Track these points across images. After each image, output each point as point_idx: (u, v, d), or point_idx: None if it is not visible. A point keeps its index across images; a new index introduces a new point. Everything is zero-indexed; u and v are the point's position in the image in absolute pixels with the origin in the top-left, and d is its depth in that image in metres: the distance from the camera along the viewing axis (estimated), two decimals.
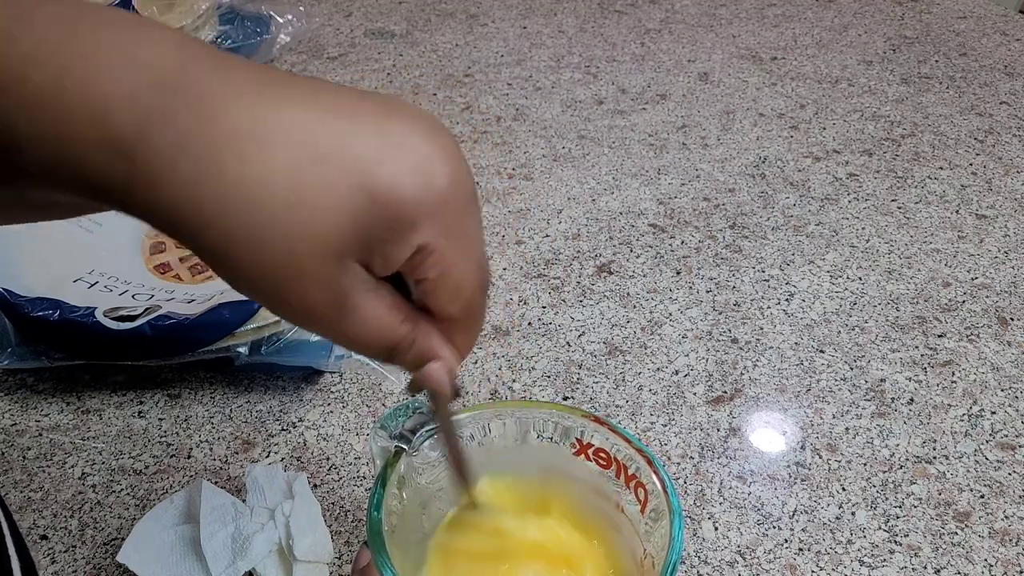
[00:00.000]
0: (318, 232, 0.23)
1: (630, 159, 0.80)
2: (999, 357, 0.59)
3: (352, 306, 0.25)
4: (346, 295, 0.25)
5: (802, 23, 1.08)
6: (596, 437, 0.37)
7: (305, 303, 0.24)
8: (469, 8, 1.09)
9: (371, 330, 0.26)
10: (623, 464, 0.36)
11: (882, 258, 0.68)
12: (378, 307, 0.26)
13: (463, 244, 0.26)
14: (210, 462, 0.50)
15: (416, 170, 0.24)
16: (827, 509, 0.48)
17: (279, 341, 0.54)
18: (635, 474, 0.35)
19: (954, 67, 0.97)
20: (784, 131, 0.85)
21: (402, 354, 0.27)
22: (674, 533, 0.32)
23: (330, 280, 0.24)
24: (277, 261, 0.23)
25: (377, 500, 0.33)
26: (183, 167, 0.22)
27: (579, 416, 0.37)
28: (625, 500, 0.36)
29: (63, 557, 0.45)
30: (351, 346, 0.27)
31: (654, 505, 0.34)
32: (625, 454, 0.36)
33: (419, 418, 0.36)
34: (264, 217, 0.23)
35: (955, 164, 0.80)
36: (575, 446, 0.37)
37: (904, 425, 0.54)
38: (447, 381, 0.29)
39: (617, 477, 0.36)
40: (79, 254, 0.58)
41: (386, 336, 0.26)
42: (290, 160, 0.23)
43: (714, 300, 0.63)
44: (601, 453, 0.37)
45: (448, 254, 0.25)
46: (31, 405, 0.54)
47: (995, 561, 0.46)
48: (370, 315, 0.26)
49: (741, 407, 0.55)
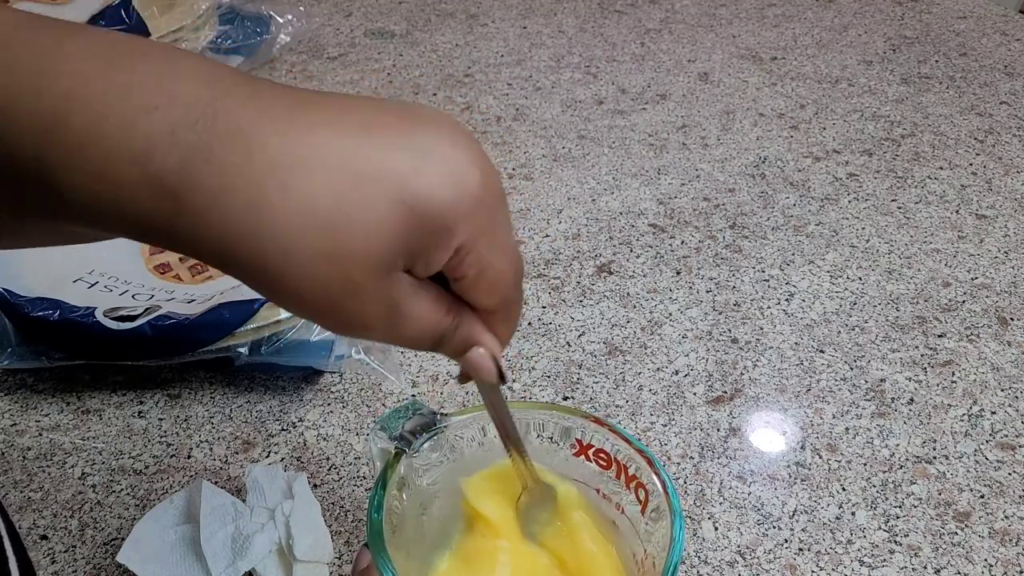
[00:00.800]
0: (368, 252, 0.24)
1: (630, 159, 0.80)
2: (999, 357, 0.59)
3: (402, 312, 0.26)
4: (397, 303, 0.26)
5: (802, 23, 1.08)
6: (596, 438, 0.37)
7: (363, 318, 0.26)
8: (469, 8, 1.09)
9: (419, 328, 0.27)
10: (623, 465, 0.36)
11: (882, 258, 0.68)
12: (424, 306, 0.27)
13: (497, 241, 0.27)
14: (210, 462, 0.50)
15: (448, 178, 0.25)
16: (827, 509, 0.48)
17: (279, 341, 0.54)
18: (635, 475, 0.35)
19: (954, 67, 0.97)
20: (784, 131, 0.85)
21: (447, 343, 0.29)
22: (675, 534, 0.32)
23: (379, 292, 0.25)
24: (333, 284, 0.24)
25: (378, 502, 0.33)
26: (229, 203, 0.23)
27: (579, 417, 0.37)
28: (625, 501, 0.36)
29: (63, 557, 0.45)
30: (401, 344, 0.28)
31: (654, 505, 0.34)
32: (625, 455, 0.36)
33: (419, 419, 0.36)
34: (315, 243, 0.23)
35: (955, 164, 0.80)
36: (575, 446, 0.37)
37: (904, 425, 0.54)
38: (492, 366, 0.30)
39: (617, 478, 0.36)
40: (79, 254, 0.58)
41: (432, 329, 0.28)
42: (330, 185, 0.23)
43: (714, 300, 0.63)
44: (601, 454, 0.37)
45: (484, 253, 0.26)
46: (31, 405, 0.54)
47: (995, 561, 0.46)
48: (418, 314, 0.27)
49: (741, 407, 0.55)
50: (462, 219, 0.25)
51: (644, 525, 0.35)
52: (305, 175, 0.23)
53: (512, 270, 0.28)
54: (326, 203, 0.23)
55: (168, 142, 0.23)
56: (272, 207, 0.23)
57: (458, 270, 0.27)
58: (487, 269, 0.27)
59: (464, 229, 0.25)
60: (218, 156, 0.23)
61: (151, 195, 0.23)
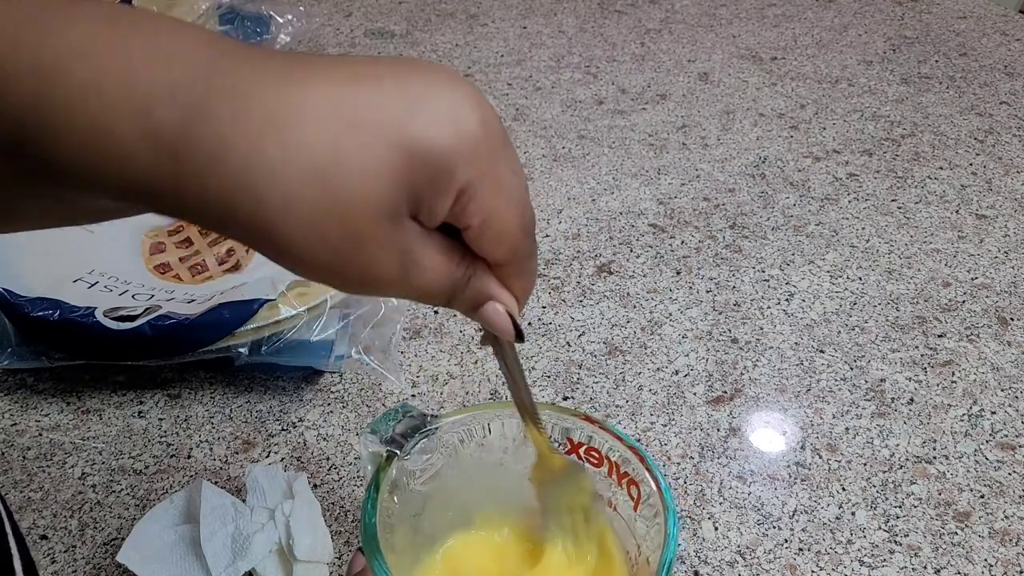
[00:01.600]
0: (368, 198, 0.23)
1: (630, 159, 0.80)
2: (999, 357, 0.59)
3: (413, 260, 0.26)
4: (406, 251, 0.25)
5: (802, 23, 1.08)
6: (586, 436, 0.37)
7: (371, 270, 0.25)
8: (469, 8, 1.09)
9: (431, 278, 0.27)
10: (615, 463, 0.36)
11: (882, 258, 0.68)
12: (434, 255, 0.26)
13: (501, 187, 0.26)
14: (210, 462, 0.50)
15: (445, 119, 0.24)
16: (827, 509, 0.48)
17: (279, 341, 0.54)
18: (627, 472, 0.35)
19: (954, 67, 0.97)
20: (784, 131, 0.85)
21: (460, 295, 0.28)
22: (669, 530, 0.32)
23: (389, 240, 0.25)
24: (338, 235, 0.24)
25: (371, 505, 0.33)
26: (228, 159, 0.23)
27: (569, 415, 0.37)
28: (618, 499, 0.36)
29: (63, 557, 0.45)
30: (414, 298, 0.27)
31: (648, 502, 0.34)
32: (617, 453, 0.36)
33: (409, 422, 0.36)
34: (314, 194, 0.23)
35: (955, 164, 0.80)
36: (566, 445, 0.37)
37: (904, 425, 0.54)
38: (508, 321, 0.29)
39: (609, 475, 0.36)
40: (79, 254, 0.58)
41: (445, 280, 0.27)
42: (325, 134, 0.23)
43: (714, 300, 0.63)
44: (592, 452, 0.37)
45: (488, 198, 0.26)
46: (31, 405, 0.54)
47: (995, 561, 0.46)
48: (430, 264, 0.26)
49: (741, 407, 0.55)
50: (462, 161, 0.25)
51: (638, 523, 0.35)
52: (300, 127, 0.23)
53: (518, 219, 0.27)
54: (322, 153, 0.23)
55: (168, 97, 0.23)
56: (270, 161, 0.23)
57: (463, 218, 0.26)
58: (492, 216, 0.26)
59: (464, 172, 0.25)
60: (216, 112, 0.23)
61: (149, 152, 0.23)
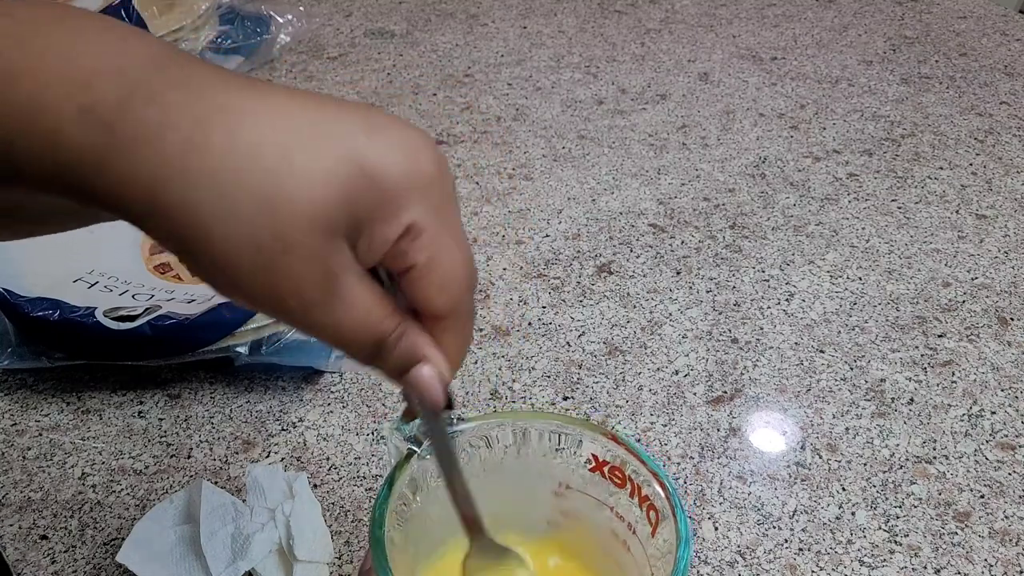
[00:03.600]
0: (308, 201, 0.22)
1: (630, 159, 0.80)
2: (999, 357, 0.59)
3: (339, 289, 0.24)
4: (335, 275, 0.23)
5: (802, 23, 1.08)
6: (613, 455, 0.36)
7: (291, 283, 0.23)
8: (469, 8, 1.09)
9: (358, 319, 0.24)
10: (637, 485, 0.35)
11: (882, 258, 0.68)
12: (366, 294, 0.24)
13: (451, 229, 0.25)
14: (210, 462, 0.50)
15: (403, 150, 0.23)
16: (827, 509, 0.48)
17: (279, 341, 0.54)
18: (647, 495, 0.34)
19: (954, 67, 0.97)
20: (784, 131, 0.85)
21: (388, 351, 0.26)
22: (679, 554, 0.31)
23: (318, 256, 0.23)
24: (264, 235, 0.22)
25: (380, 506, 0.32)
26: (168, 138, 0.21)
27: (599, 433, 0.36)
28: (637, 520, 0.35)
29: (63, 557, 0.45)
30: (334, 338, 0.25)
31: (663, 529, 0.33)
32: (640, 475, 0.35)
33: None
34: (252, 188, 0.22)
35: (955, 164, 0.80)
36: (591, 462, 0.36)
37: (904, 425, 0.54)
38: (438, 387, 0.26)
39: (631, 497, 0.35)
40: (79, 254, 0.58)
41: (373, 327, 0.25)
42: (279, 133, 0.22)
43: (714, 300, 0.63)
44: (616, 472, 0.36)
45: (437, 237, 0.24)
46: (31, 405, 0.54)
47: (995, 561, 0.46)
48: (358, 302, 0.24)
49: (741, 407, 0.55)
50: (415, 193, 0.23)
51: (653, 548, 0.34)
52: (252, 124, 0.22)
53: (466, 267, 0.26)
54: (272, 150, 0.22)
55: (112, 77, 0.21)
56: (213, 147, 0.21)
57: (408, 255, 0.24)
58: (439, 256, 0.25)
59: (416, 205, 0.24)
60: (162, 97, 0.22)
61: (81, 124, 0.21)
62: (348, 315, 0.24)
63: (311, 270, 0.23)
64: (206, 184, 0.21)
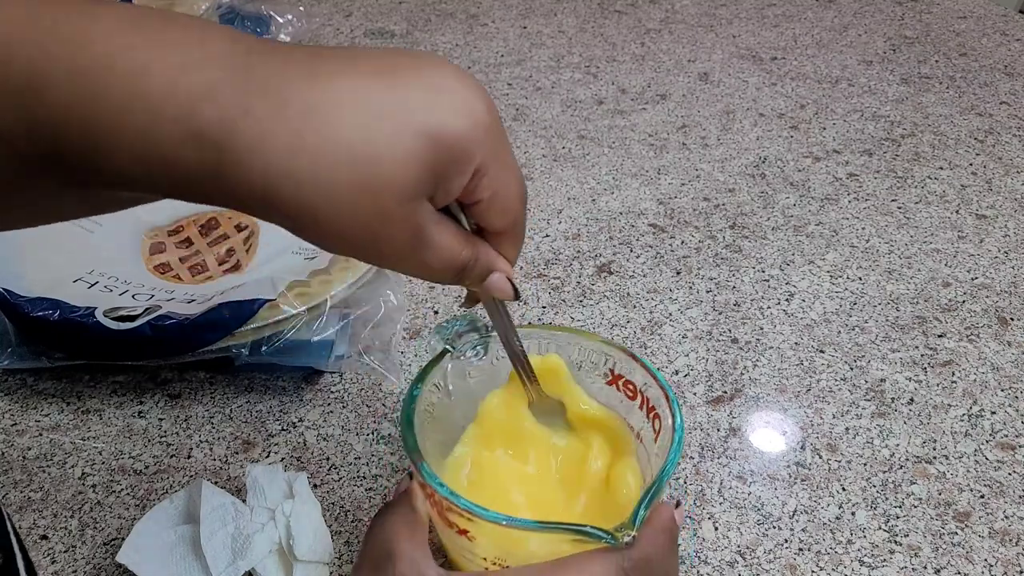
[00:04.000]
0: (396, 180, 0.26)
1: (630, 159, 0.80)
2: (999, 357, 0.59)
3: (427, 238, 0.29)
4: (422, 228, 0.28)
5: (802, 23, 1.08)
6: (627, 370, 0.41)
7: (392, 245, 0.28)
8: (469, 8, 1.09)
9: (444, 256, 0.30)
10: (646, 397, 0.40)
11: (882, 258, 0.68)
12: (446, 235, 0.30)
13: (506, 163, 0.30)
14: (210, 462, 0.50)
15: (461, 110, 0.28)
16: (827, 509, 0.48)
17: (279, 341, 0.53)
18: (654, 407, 0.39)
19: (954, 67, 0.97)
20: (784, 131, 0.85)
21: (469, 272, 0.32)
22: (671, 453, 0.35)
23: (409, 220, 0.28)
24: (367, 212, 0.26)
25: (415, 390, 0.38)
26: (270, 148, 0.25)
27: (617, 349, 0.41)
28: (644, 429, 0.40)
29: (63, 557, 0.45)
30: (427, 275, 0.31)
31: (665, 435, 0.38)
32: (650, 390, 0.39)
33: (470, 327, 0.40)
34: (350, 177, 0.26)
35: (955, 164, 0.80)
36: (608, 376, 0.41)
37: (904, 425, 0.54)
38: (509, 287, 0.34)
39: (640, 408, 0.40)
40: (79, 254, 0.58)
41: (456, 258, 0.30)
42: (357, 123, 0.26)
43: (714, 300, 0.63)
44: (629, 385, 0.41)
45: (498, 175, 0.29)
46: (31, 405, 0.54)
47: (995, 561, 0.46)
48: (443, 243, 0.30)
49: (741, 407, 0.55)
50: (477, 144, 0.28)
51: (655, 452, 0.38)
52: (333, 118, 0.26)
53: (519, 191, 0.31)
54: (357, 141, 0.26)
55: (208, 98, 0.25)
56: (309, 149, 0.25)
57: (475, 194, 0.30)
58: (500, 189, 0.30)
59: (479, 153, 0.28)
60: (255, 108, 0.25)
61: (195, 149, 0.25)
62: (435, 256, 0.30)
63: (405, 230, 0.28)
64: (310, 183, 0.26)
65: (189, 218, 0.63)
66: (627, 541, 0.31)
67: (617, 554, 0.32)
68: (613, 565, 0.32)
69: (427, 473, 0.34)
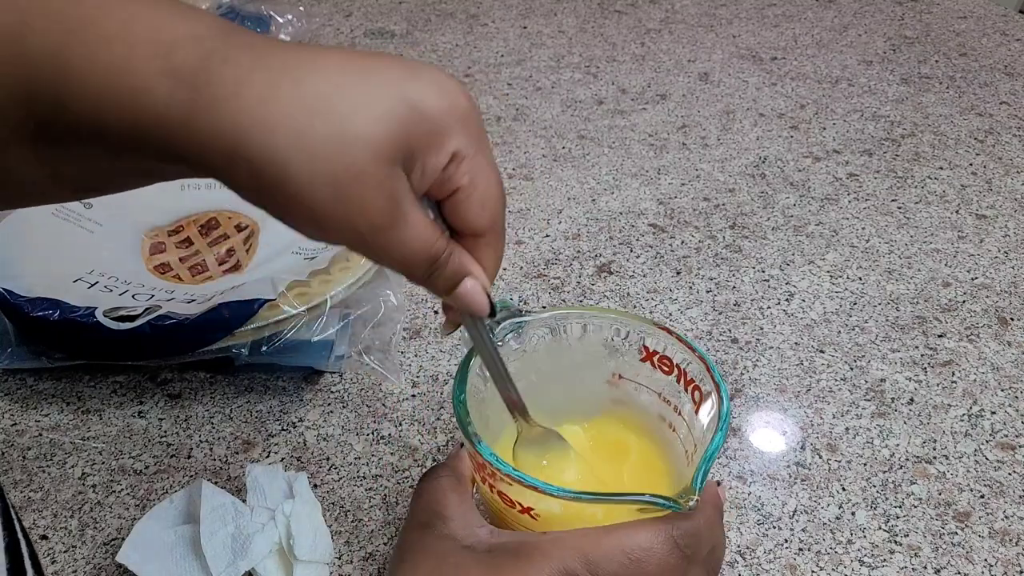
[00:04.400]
0: (373, 135, 0.26)
1: (630, 159, 0.80)
2: (999, 357, 0.59)
3: (403, 213, 0.28)
4: (397, 200, 0.27)
5: (802, 23, 1.08)
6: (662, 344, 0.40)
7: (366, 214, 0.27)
8: (469, 8, 1.09)
9: (419, 238, 0.28)
10: (683, 370, 0.39)
11: (882, 258, 0.68)
12: (422, 217, 0.29)
13: (486, 155, 0.29)
14: (210, 462, 0.50)
15: (442, 89, 0.28)
16: (827, 509, 0.48)
17: (279, 341, 0.53)
18: (693, 379, 0.39)
19: (954, 67, 0.97)
20: (784, 131, 0.85)
21: (440, 269, 0.30)
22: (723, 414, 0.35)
23: (383, 183, 0.27)
24: (337, 168, 0.25)
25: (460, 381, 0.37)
26: (244, 94, 0.25)
27: (649, 324, 0.40)
28: (683, 402, 0.39)
29: (63, 557, 0.45)
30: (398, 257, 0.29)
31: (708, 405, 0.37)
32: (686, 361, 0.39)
33: (506, 313, 0.39)
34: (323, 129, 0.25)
35: (955, 164, 0.80)
36: (642, 352, 0.41)
37: (904, 425, 0.54)
38: (484, 298, 0.32)
39: (677, 382, 0.40)
40: (79, 254, 0.58)
41: (429, 247, 0.29)
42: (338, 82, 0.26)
43: (714, 300, 0.63)
44: (665, 360, 0.40)
45: (477, 161, 0.29)
46: (31, 405, 0.54)
47: (995, 561, 0.46)
48: (419, 223, 0.28)
49: (741, 407, 0.55)
50: (457, 124, 0.28)
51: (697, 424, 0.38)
52: (313, 74, 0.26)
53: (500, 187, 0.30)
54: (335, 95, 0.26)
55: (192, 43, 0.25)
56: (285, 98, 0.25)
57: (453, 180, 0.29)
58: (479, 179, 0.29)
59: (459, 135, 0.28)
60: (235, 58, 0.25)
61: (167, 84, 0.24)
62: (410, 235, 0.28)
63: (378, 195, 0.27)
64: (282, 131, 0.25)
65: (189, 218, 0.63)
66: (691, 506, 0.31)
67: (668, 524, 0.32)
68: (663, 534, 0.32)
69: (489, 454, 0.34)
